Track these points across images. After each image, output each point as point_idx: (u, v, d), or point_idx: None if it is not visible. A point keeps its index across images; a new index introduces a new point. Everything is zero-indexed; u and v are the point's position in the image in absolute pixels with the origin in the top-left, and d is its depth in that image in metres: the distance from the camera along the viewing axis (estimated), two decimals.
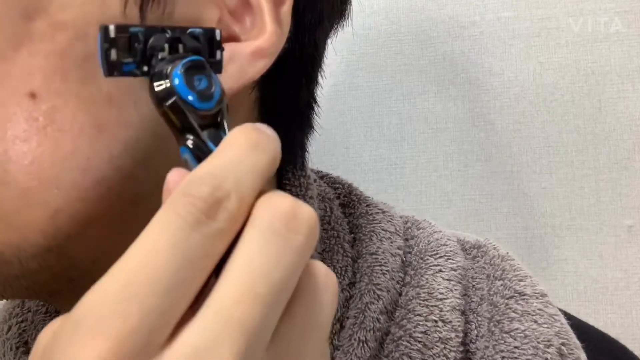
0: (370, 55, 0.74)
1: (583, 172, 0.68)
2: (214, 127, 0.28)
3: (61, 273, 0.33)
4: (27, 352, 0.42)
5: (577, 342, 0.39)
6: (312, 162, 0.44)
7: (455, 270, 0.41)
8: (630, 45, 0.68)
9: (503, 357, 0.37)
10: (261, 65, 0.33)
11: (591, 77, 0.69)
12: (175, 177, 0.26)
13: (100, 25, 0.28)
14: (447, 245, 0.42)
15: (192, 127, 0.27)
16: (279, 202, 0.25)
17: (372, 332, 0.38)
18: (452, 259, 0.41)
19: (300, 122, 0.41)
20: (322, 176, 0.46)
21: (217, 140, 0.27)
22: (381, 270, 0.40)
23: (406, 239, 0.43)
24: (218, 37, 0.30)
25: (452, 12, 0.72)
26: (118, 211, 0.33)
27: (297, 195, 0.40)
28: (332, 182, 0.46)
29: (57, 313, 0.43)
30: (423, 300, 0.39)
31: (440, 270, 0.40)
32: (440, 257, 0.41)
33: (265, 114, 0.39)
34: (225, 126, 0.28)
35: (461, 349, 0.38)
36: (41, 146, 0.31)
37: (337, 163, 0.74)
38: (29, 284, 0.33)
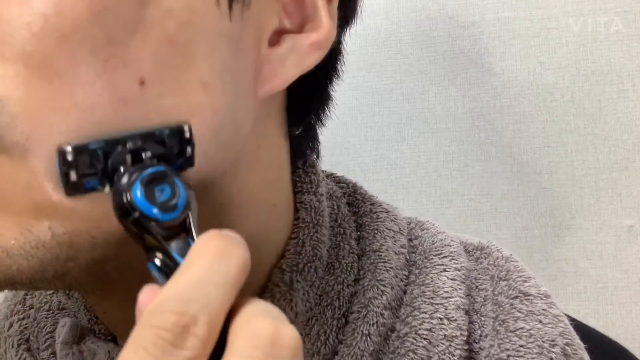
0: (370, 55, 0.74)
1: (583, 172, 0.68)
2: (183, 232, 0.28)
3: (116, 265, 0.33)
4: (29, 349, 0.42)
5: (580, 342, 0.39)
6: None
7: (459, 271, 0.41)
8: (630, 45, 0.68)
9: (509, 356, 0.38)
10: (317, 57, 0.35)
11: (591, 77, 0.69)
12: (146, 296, 0.25)
13: (58, 147, 0.28)
14: (451, 246, 0.42)
15: (157, 241, 0.27)
16: (258, 328, 0.24)
17: (375, 326, 0.38)
18: (456, 260, 0.42)
19: (319, 117, 0.42)
20: (327, 175, 0.46)
21: (184, 251, 0.27)
22: (385, 266, 0.40)
23: (410, 239, 0.43)
24: (187, 134, 0.30)
25: (452, 12, 0.72)
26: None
27: (308, 193, 0.41)
28: (337, 181, 0.46)
29: (59, 311, 0.43)
30: (428, 298, 0.39)
31: (445, 270, 0.41)
32: (445, 257, 0.41)
33: (292, 106, 0.40)
34: (194, 232, 0.28)
35: (466, 347, 0.39)
36: None
37: (337, 163, 0.74)
38: (79, 274, 0.32)
